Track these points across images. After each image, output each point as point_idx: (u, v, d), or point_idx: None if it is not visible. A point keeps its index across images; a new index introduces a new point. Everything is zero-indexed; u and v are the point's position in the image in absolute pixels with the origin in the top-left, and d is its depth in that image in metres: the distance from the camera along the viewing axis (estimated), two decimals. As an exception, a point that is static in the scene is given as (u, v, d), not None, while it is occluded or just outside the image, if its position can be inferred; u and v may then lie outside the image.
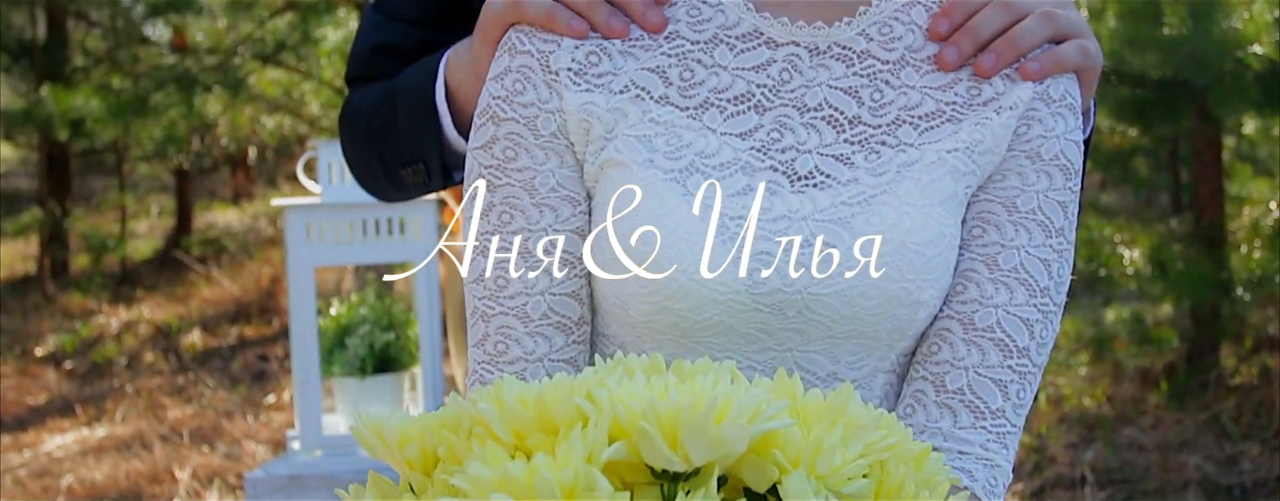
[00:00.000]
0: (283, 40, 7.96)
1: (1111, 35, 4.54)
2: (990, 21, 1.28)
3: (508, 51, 1.27)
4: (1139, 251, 5.04)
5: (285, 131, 9.73)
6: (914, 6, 1.29)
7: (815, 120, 1.24)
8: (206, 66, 8.04)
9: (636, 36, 1.26)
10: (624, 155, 1.22)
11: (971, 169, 1.24)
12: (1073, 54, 1.29)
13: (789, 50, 1.25)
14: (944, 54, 1.26)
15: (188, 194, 10.22)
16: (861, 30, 1.27)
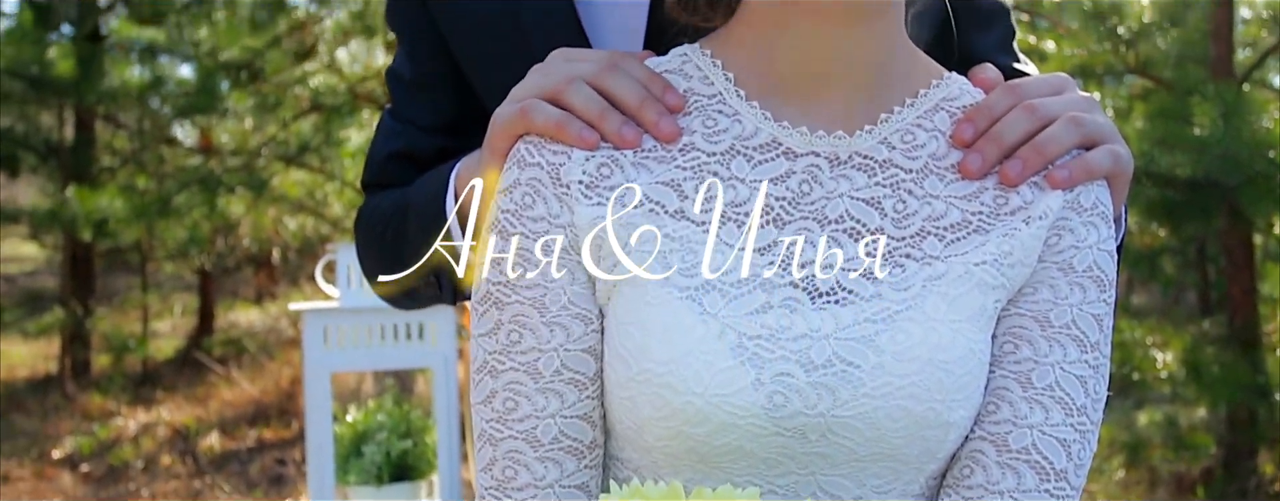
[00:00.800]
0: (306, 142, 8.01)
1: (1139, 135, 4.50)
2: (1015, 127, 1.23)
3: (516, 163, 1.23)
4: (1171, 354, 4.95)
5: (308, 232, 9.75)
6: (937, 112, 1.24)
7: (836, 233, 1.19)
8: (230, 167, 8.07)
9: (650, 147, 1.21)
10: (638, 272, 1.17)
11: (1001, 282, 1.19)
12: (1103, 160, 1.24)
13: (808, 161, 1.20)
14: (968, 162, 1.22)
15: (210, 293, 10.22)
16: (883, 138, 1.22)
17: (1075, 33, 5.25)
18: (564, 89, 1.24)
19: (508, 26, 1.53)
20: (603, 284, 1.19)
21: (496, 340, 1.20)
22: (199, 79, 8.20)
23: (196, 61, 8.18)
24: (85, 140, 9.10)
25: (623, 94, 1.23)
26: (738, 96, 1.23)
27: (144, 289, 10.21)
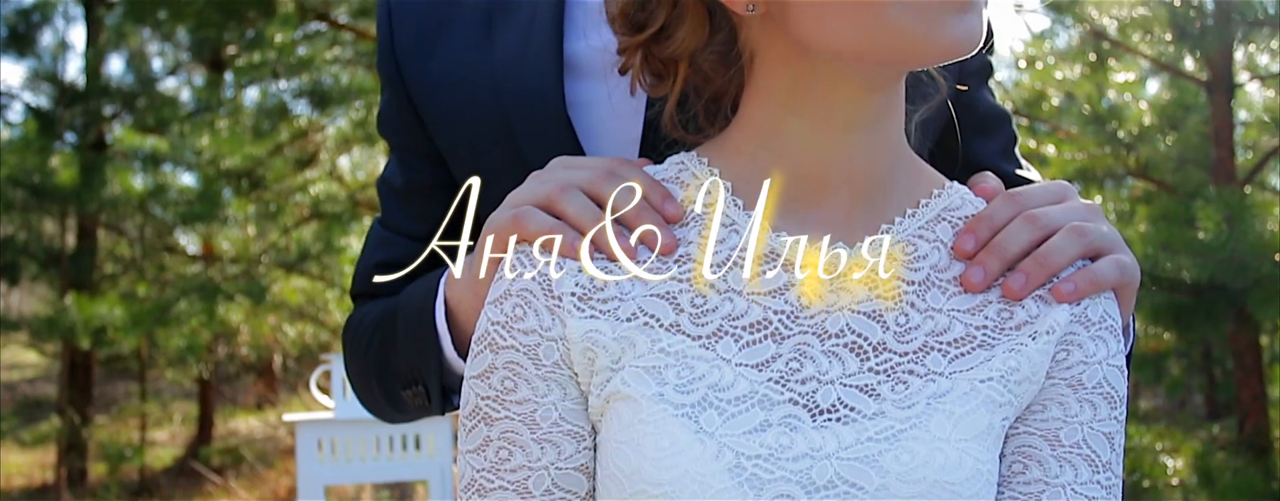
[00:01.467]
0: (307, 249, 8.00)
1: (1143, 239, 4.48)
2: (1017, 238, 1.20)
3: (508, 273, 1.19)
4: (1182, 460, 4.87)
5: (308, 340, 9.70)
6: (939, 222, 1.21)
7: (837, 348, 1.15)
8: (230, 275, 8.06)
9: (645, 258, 1.18)
10: (632, 388, 1.13)
11: (1008, 399, 1.14)
12: (1109, 272, 1.20)
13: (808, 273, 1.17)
14: (970, 275, 1.18)
15: (209, 401, 10.14)
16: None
17: (1075, 136, 5.26)
18: (559, 196, 1.22)
19: (502, 139, 1.51)
20: (595, 400, 1.15)
21: (485, 457, 1.16)
22: (201, 187, 8.22)
23: (198, 169, 8.21)
24: (87, 248, 9.11)
25: (619, 203, 1.21)
26: (735, 206, 1.20)
27: (143, 397, 10.14)
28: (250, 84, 9.21)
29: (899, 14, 1.09)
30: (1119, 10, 5.19)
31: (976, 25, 1.11)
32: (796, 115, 1.18)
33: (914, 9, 1.09)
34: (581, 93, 1.48)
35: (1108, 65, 5.47)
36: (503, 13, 1.57)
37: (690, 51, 1.22)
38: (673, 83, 1.23)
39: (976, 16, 1.11)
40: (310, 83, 8.42)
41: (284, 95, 8.63)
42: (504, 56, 1.53)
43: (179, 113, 8.94)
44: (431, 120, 1.58)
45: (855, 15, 1.10)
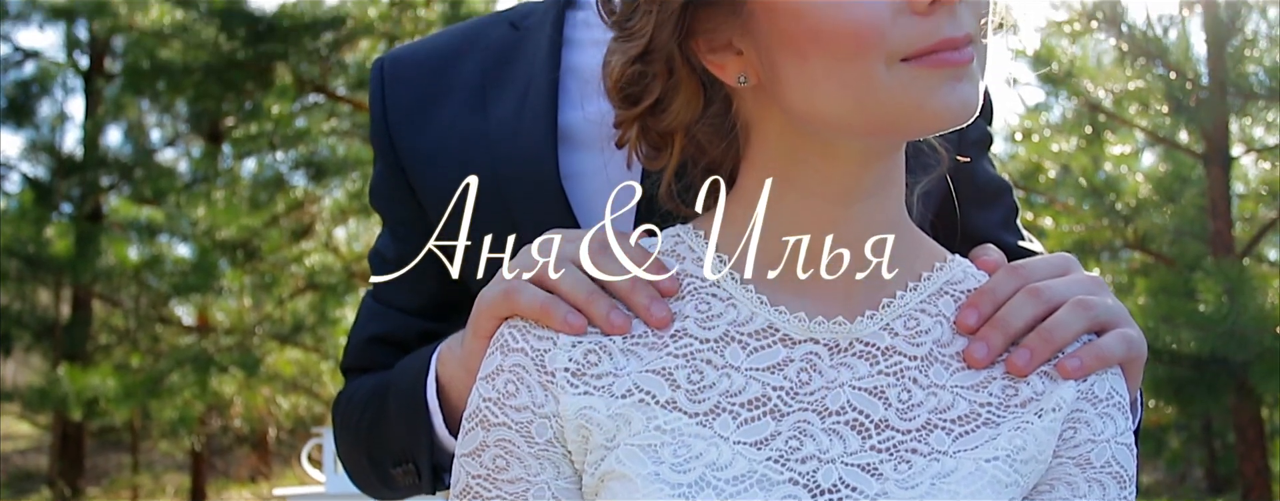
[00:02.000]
0: (301, 321, 7.97)
1: (1142, 312, 4.46)
2: (1020, 312, 1.17)
3: (500, 349, 1.16)
4: (1186, 537, 4.81)
5: (301, 412, 9.63)
6: (941, 296, 1.18)
7: (838, 425, 1.12)
8: (224, 346, 8.01)
9: (640, 333, 1.15)
10: (627, 467, 1.09)
11: (1014, 479, 1.11)
12: (1115, 347, 1.18)
13: (807, 348, 1.14)
14: (972, 350, 1.15)
15: (202, 474, 10.05)
16: (885, 324, 1.16)
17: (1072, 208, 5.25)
18: (550, 270, 1.19)
19: (495, 211, 1.49)
20: (589, 479, 1.12)
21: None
22: (196, 258, 8.20)
23: (194, 240, 8.20)
24: (81, 318, 9.08)
25: (613, 276, 1.18)
26: (732, 279, 1.18)
27: (134, 469, 10.06)
28: (247, 155, 9.23)
29: (890, 82, 1.07)
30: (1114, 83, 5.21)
31: (971, 94, 1.09)
32: (793, 187, 1.16)
33: (906, 77, 1.08)
34: (576, 164, 1.46)
35: (1103, 138, 5.48)
36: (497, 82, 1.56)
37: (686, 124, 1.20)
38: (669, 155, 1.22)
39: (971, 85, 1.10)
40: (307, 154, 8.44)
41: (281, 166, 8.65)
42: (498, 126, 1.51)
43: (176, 184, 8.95)
44: (424, 191, 1.56)
45: (846, 85, 1.09)
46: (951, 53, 1.07)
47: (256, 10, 7.07)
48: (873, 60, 1.06)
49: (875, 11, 1.07)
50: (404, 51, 1.65)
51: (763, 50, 1.13)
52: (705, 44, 1.16)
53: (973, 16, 1.10)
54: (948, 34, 1.07)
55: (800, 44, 1.09)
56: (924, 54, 1.07)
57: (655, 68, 1.18)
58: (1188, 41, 4.92)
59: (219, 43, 6.86)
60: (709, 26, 1.15)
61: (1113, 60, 5.26)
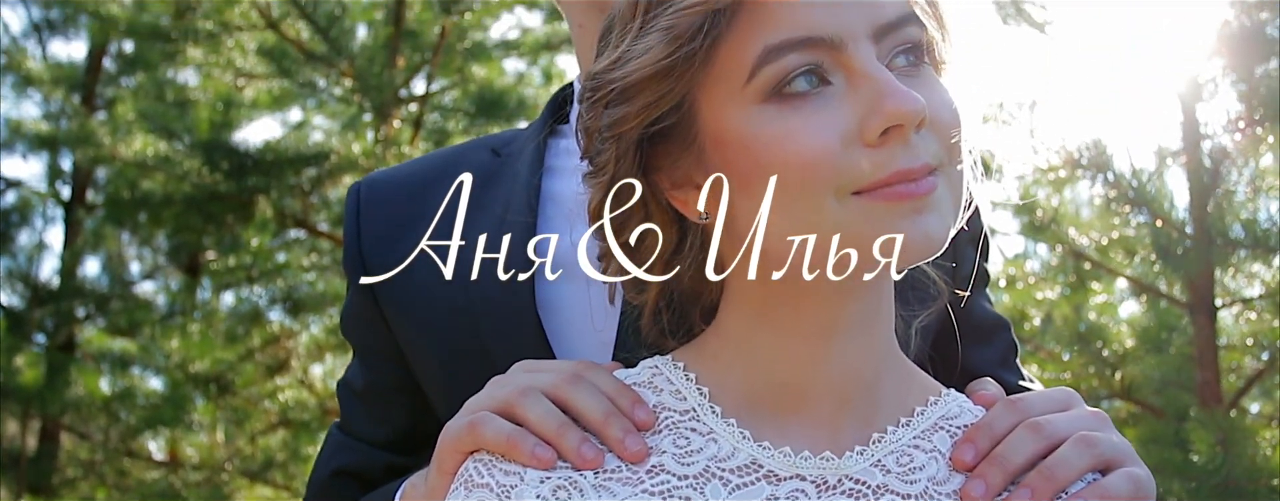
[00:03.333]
0: (272, 457, 7.83)
1: (1131, 462, 4.37)
2: (1020, 448, 1.11)
3: (464, 484, 1.10)
4: None
5: (270, 551, 9.41)
6: (936, 432, 1.12)
7: (826, 570, 1.04)
8: (192, 482, 7.85)
9: (614, 467, 1.08)
10: (595, 613, 1.02)
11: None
12: (1122, 487, 1.11)
13: (793, 486, 1.07)
14: (970, 488, 1.09)
15: (165, 615, 9.76)
16: (876, 461, 1.09)
17: (1057, 356, 5.21)
18: (519, 401, 1.13)
19: (467, 336, 1.44)
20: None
21: None
22: (168, 390, 8.08)
23: (167, 373, 8.09)
24: (48, 451, 8.91)
25: (585, 407, 1.12)
26: (713, 413, 1.11)
27: (96, 610, 9.76)
28: (225, 288, 9.17)
29: (843, 217, 1.03)
30: (1098, 231, 5.22)
31: (935, 226, 1.05)
32: (768, 323, 1.12)
33: (859, 211, 1.03)
34: (553, 293, 1.42)
35: (1088, 286, 5.47)
36: (475, 208, 1.52)
37: (665, 254, 1.17)
38: (652, 288, 1.19)
39: (935, 216, 1.05)
40: (285, 289, 8.38)
41: (258, 300, 8.58)
42: (474, 253, 1.47)
43: (152, 316, 8.87)
44: (396, 318, 1.51)
45: (798, 221, 1.05)
46: (907, 185, 1.03)
47: (240, 144, 7.08)
48: (822, 194, 1.03)
49: (823, 143, 1.03)
50: (382, 175, 1.62)
51: (720, 187, 1.10)
52: (667, 179, 1.14)
53: (937, 143, 1.06)
54: (902, 165, 1.03)
55: (749, 179, 1.06)
56: (877, 187, 1.03)
57: (632, 203, 1.15)
58: (1167, 190, 4.93)
59: (202, 175, 6.85)
60: (667, 161, 1.13)
61: (1097, 208, 5.28)
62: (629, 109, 1.09)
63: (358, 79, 6.81)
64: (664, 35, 1.07)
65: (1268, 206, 5.15)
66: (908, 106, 1.02)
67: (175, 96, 8.42)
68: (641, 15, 1.10)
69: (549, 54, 8.64)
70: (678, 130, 1.11)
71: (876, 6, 1.06)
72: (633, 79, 1.08)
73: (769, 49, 1.05)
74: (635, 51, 1.09)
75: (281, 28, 7.05)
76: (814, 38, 1.04)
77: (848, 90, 1.05)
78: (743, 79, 1.06)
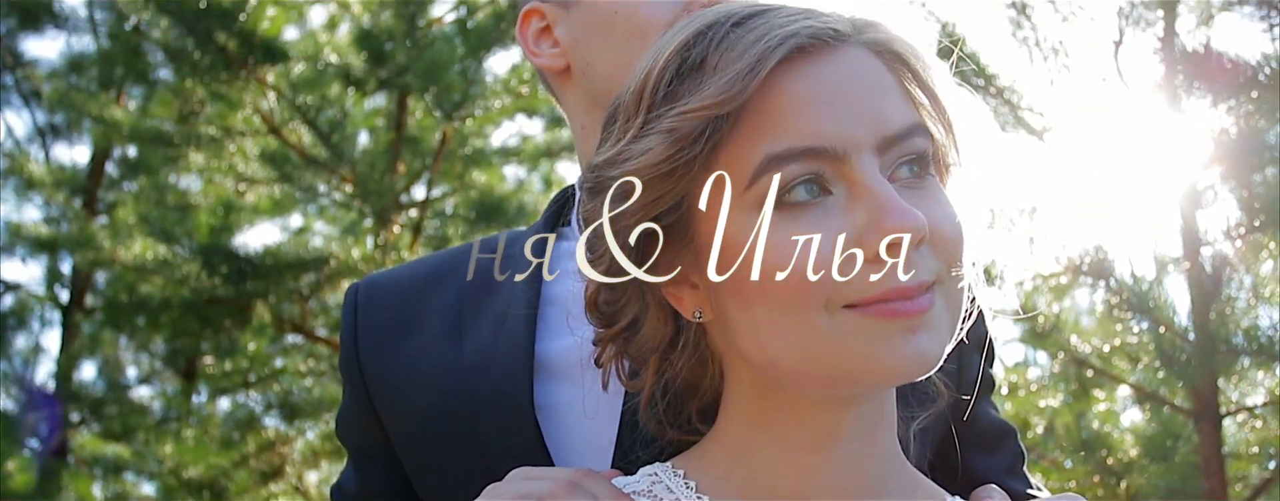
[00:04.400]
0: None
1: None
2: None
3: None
4: None
5: None
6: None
7: None
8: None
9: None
10: None
11: None
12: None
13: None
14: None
15: None
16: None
17: (1061, 464, 5.16)
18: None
19: (465, 442, 1.42)
20: None
21: None
22: (160, 496, 7.99)
23: (160, 479, 8.00)
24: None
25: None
26: (714, 522, 1.09)
27: None
28: (222, 394, 9.12)
29: (835, 331, 1.02)
30: (1100, 338, 5.20)
31: (929, 345, 1.04)
32: (765, 431, 1.10)
33: (851, 326, 1.02)
34: (552, 395, 1.41)
35: (1091, 394, 5.44)
36: (474, 310, 1.51)
37: (657, 347, 1.16)
38: (647, 377, 1.18)
39: (930, 335, 1.04)
40: (282, 395, 8.33)
41: (254, 406, 8.53)
42: (473, 356, 1.45)
43: (146, 421, 8.81)
44: (392, 421, 1.49)
45: (788, 332, 1.04)
46: (903, 302, 1.02)
47: (240, 248, 7.10)
48: (813, 307, 1.02)
49: (820, 254, 1.02)
50: (380, 277, 1.61)
51: (713, 289, 1.09)
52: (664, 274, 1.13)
53: (937, 259, 1.05)
54: (899, 283, 1.02)
55: (744, 287, 1.06)
56: (871, 302, 1.02)
57: (627, 291, 1.15)
58: (1168, 298, 4.93)
59: (201, 279, 6.85)
60: (665, 258, 1.12)
61: (1099, 315, 5.27)
62: (630, 206, 1.09)
63: (358, 184, 6.85)
64: (666, 138, 1.06)
65: (1269, 314, 5.14)
66: (908, 223, 1.01)
67: (176, 201, 8.46)
68: (645, 113, 1.10)
69: (549, 161, 8.70)
70: (677, 229, 1.10)
71: (882, 117, 1.06)
72: (633, 178, 1.08)
73: (771, 157, 1.04)
74: (636, 151, 1.08)
75: (283, 133, 7.11)
76: (817, 148, 1.04)
77: (848, 201, 1.04)
78: (743, 184, 1.05)
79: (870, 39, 1.10)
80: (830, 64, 1.07)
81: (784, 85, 1.06)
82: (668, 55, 1.10)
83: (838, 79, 1.06)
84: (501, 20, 6.74)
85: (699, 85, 1.07)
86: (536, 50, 1.57)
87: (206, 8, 6.47)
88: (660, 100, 1.09)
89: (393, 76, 6.84)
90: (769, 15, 1.10)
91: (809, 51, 1.07)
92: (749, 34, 1.08)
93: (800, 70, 1.07)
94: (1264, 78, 3.79)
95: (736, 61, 1.06)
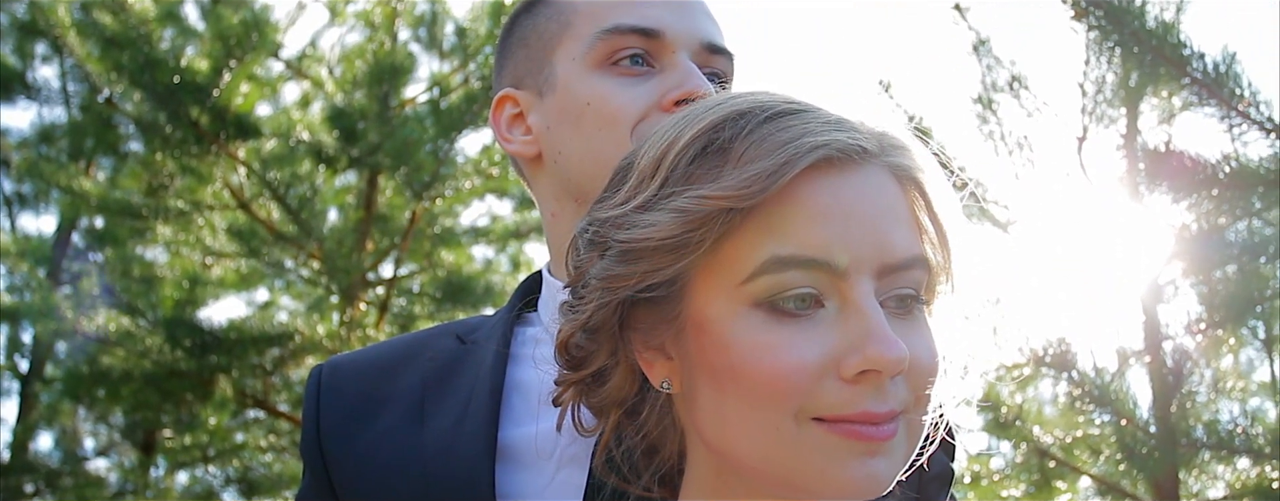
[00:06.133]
0: None
1: None
2: None
3: None
4: None
5: None
6: None
7: None
8: None
9: None
10: None
11: None
12: None
13: None
14: None
15: None
16: None
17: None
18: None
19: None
20: None
21: None
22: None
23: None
24: None
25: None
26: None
27: None
28: (180, 468, 9.00)
29: (798, 440, 1.03)
30: (1062, 430, 5.20)
31: (883, 471, 1.05)
32: (731, 496, 1.11)
33: (814, 438, 1.04)
34: (514, 484, 1.40)
35: (1053, 485, 5.43)
36: (438, 395, 1.51)
37: (619, 403, 1.17)
38: (604, 425, 1.19)
39: (886, 461, 1.06)
40: (241, 470, 8.23)
41: (213, 480, 8.41)
42: (434, 441, 1.45)
43: (103, 493, 8.66)
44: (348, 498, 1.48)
45: (753, 430, 1.06)
46: (869, 427, 1.04)
47: (204, 322, 7.04)
48: (783, 412, 1.03)
49: (800, 364, 1.04)
50: (344, 359, 1.61)
51: (688, 366, 1.10)
52: (641, 340, 1.14)
53: (909, 390, 1.07)
54: (869, 408, 1.04)
55: (719, 375, 1.07)
56: (838, 420, 1.04)
57: (600, 343, 1.15)
58: (1130, 391, 4.95)
59: (163, 352, 6.79)
60: (646, 325, 1.13)
61: (1061, 407, 5.28)
62: (625, 269, 1.10)
63: (326, 260, 6.83)
64: (677, 217, 1.08)
65: (1229, 408, 5.17)
66: (890, 355, 1.03)
67: (142, 273, 8.41)
68: (661, 182, 1.11)
69: (517, 242, 8.70)
70: (666, 302, 1.11)
71: (888, 244, 1.07)
72: (635, 246, 1.10)
73: (776, 259, 1.06)
74: (644, 221, 1.10)
75: (252, 208, 7.10)
76: (821, 261, 1.05)
77: (838, 318, 1.06)
78: (742, 277, 1.07)
79: (894, 163, 1.12)
80: (851, 180, 1.09)
81: (803, 192, 1.08)
82: (695, 132, 1.12)
83: (855, 197, 1.08)
84: (474, 102, 6.78)
85: (720, 172, 1.09)
86: (509, 136, 1.58)
87: (180, 82, 6.48)
88: (677, 176, 1.10)
89: (364, 155, 6.85)
90: (803, 117, 1.11)
91: (834, 163, 1.09)
92: (781, 133, 1.09)
93: (821, 181, 1.08)
94: (1224, 176, 3.84)
95: (762, 159, 1.07)
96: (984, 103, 5.29)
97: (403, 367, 1.56)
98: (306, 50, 8.66)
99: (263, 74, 8.22)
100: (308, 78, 8.41)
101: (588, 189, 1.46)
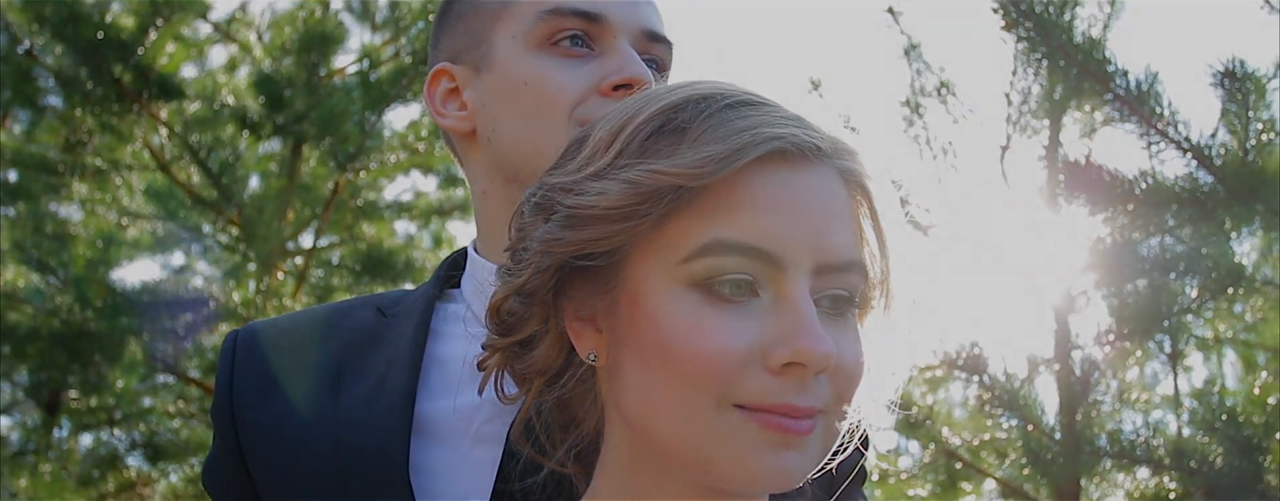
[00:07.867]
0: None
1: None
2: None
3: None
4: None
5: None
6: None
7: None
8: None
9: None
10: None
11: None
12: None
13: None
14: None
15: None
16: None
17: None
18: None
19: (333, 495, 1.40)
20: None
21: None
22: (12, 533, 7.72)
23: (13, 515, 7.73)
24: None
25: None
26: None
27: None
28: (84, 430, 8.86)
29: (717, 424, 1.05)
30: (969, 433, 5.27)
31: (796, 465, 1.07)
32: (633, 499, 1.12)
33: (733, 424, 1.05)
34: (428, 459, 1.40)
35: (958, 486, 5.51)
36: (355, 367, 1.49)
37: (543, 371, 1.18)
38: (525, 394, 1.19)
39: (800, 456, 1.07)
40: (147, 434, 8.12)
41: (118, 444, 8.29)
42: (350, 412, 1.44)
43: (3, 452, 8.52)
44: (261, 475, 1.47)
45: (674, 409, 1.07)
46: (788, 420, 1.05)
47: (117, 282, 6.94)
48: (706, 395, 1.04)
49: (730, 350, 1.05)
50: (262, 326, 1.59)
51: (616, 340, 1.11)
52: (573, 309, 1.15)
53: (831, 390, 1.08)
54: (790, 400, 1.06)
55: (646, 352, 1.08)
56: (758, 409, 1.05)
57: (533, 309, 1.16)
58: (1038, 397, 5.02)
59: (72, 311, 6.68)
60: (581, 294, 1.14)
61: (971, 410, 5.36)
62: (568, 235, 1.11)
63: (245, 227, 6.76)
64: (626, 187, 1.09)
65: (1133, 419, 5.27)
66: (818, 351, 1.04)
67: (55, 230, 8.26)
68: (615, 154, 1.12)
69: (441, 219, 8.66)
70: (603, 272, 1.12)
71: (829, 244, 1.09)
72: (581, 213, 1.10)
73: (718, 242, 1.07)
74: (593, 188, 1.11)
75: (172, 170, 7.00)
76: (762, 250, 1.07)
77: (771, 309, 1.07)
78: (682, 256, 1.08)
79: (844, 166, 1.14)
80: (802, 176, 1.10)
81: (752, 180, 1.09)
82: (655, 110, 1.13)
83: (803, 193, 1.09)
84: (403, 76, 6.73)
85: (674, 150, 1.10)
86: (443, 111, 1.57)
87: (104, 38, 6.37)
88: (632, 149, 1.11)
89: (289, 123, 6.78)
90: (763, 110, 1.13)
91: (787, 157, 1.10)
92: (739, 120, 1.10)
93: (772, 172, 1.09)
94: (1140, 192, 3.92)
95: (717, 142, 1.08)
96: (911, 106, 5.34)
97: (320, 338, 1.55)
98: (236, 13, 8.53)
99: (190, 35, 8.10)
100: (236, 41, 8.30)
101: (520, 167, 1.45)
